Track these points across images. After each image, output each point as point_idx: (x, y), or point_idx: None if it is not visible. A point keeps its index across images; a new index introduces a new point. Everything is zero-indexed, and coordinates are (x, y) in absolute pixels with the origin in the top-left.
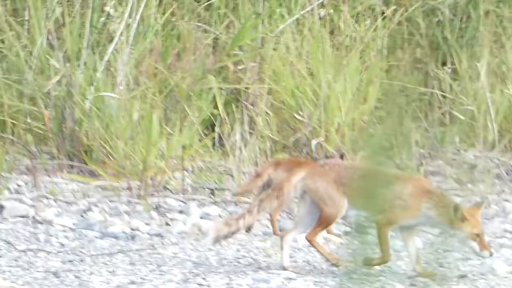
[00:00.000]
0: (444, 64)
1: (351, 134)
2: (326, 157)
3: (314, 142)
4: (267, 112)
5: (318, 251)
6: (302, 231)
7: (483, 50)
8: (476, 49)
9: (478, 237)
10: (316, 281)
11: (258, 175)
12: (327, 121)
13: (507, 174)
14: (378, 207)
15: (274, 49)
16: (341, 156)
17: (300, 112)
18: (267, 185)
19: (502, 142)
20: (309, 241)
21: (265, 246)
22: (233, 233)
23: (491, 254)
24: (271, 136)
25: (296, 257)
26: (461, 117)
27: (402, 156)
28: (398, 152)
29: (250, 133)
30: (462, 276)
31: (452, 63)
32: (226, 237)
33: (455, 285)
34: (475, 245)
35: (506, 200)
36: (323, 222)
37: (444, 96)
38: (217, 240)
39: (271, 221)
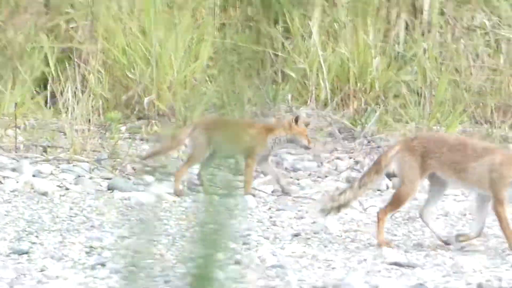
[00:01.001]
0: (276, 22)
1: (183, 92)
2: (159, 115)
3: (146, 100)
4: (99, 70)
5: (378, 228)
6: (434, 204)
7: (315, 9)
8: (308, 8)
9: None
10: (150, 240)
11: (174, 137)
12: (159, 79)
13: (339, 132)
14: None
15: (106, 7)
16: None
17: (132, 70)
18: (191, 145)
19: (334, 100)
20: (379, 218)
21: (98, 205)
22: (337, 207)
23: None
24: (103, 94)
25: (129, 215)
26: (293, 75)
27: (235, 114)
28: (230, 110)
29: (83, 91)
30: (296, 235)
31: (284, 22)
32: (331, 211)
33: (288, 243)
34: None
35: (339, 158)
36: (395, 200)
37: (276, 55)
38: (323, 212)
39: (176, 178)
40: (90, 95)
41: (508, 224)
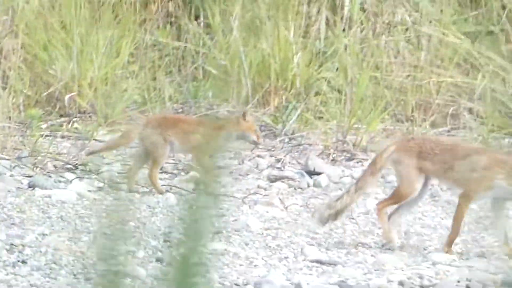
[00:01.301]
0: (197, 18)
1: (104, 89)
2: (80, 112)
3: (67, 97)
4: (20, 66)
5: (380, 222)
6: (406, 209)
7: (235, 4)
8: (229, 3)
9: None
10: (70, 237)
11: (124, 134)
12: (80, 75)
13: (260, 129)
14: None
15: (27, 2)
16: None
17: (53, 67)
18: (141, 143)
19: (256, 97)
20: (378, 209)
21: (19, 202)
22: (335, 214)
23: None
24: (24, 91)
25: (50, 213)
26: (214, 71)
27: (156, 111)
28: (151, 107)
29: (3, 88)
30: (217, 233)
31: (205, 17)
32: (329, 218)
33: (209, 241)
34: None
35: (260, 156)
36: (395, 197)
37: (197, 51)
38: (321, 221)
39: (153, 183)
40: (10, 92)
41: (460, 222)
